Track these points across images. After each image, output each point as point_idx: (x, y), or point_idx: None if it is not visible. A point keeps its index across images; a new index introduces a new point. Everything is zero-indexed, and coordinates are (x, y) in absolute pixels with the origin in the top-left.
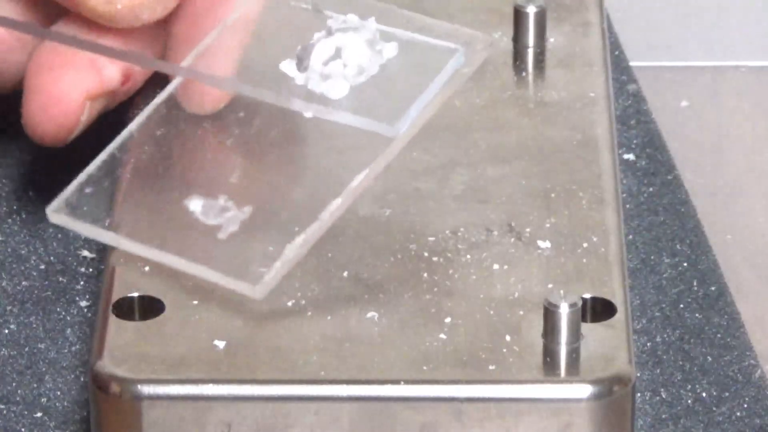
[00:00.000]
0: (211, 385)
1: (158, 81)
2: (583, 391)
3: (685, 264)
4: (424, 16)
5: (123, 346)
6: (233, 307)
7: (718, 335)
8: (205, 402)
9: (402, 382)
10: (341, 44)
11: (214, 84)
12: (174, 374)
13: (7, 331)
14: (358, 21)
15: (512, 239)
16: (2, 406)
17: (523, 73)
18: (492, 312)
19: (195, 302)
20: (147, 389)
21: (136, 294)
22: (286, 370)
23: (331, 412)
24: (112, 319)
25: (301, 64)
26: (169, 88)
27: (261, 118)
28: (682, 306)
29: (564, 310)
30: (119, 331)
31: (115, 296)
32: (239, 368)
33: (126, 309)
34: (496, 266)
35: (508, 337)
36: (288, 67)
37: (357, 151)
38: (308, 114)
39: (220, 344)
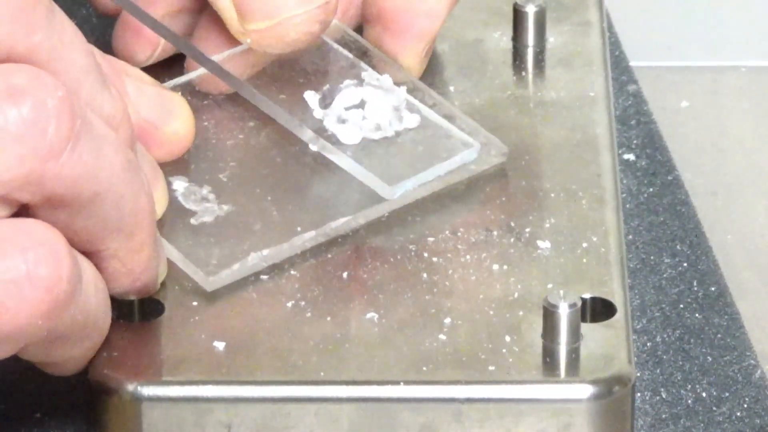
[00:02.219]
0: (210, 386)
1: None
2: (583, 391)
3: (685, 264)
4: (453, 106)
5: (123, 347)
6: (233, 308)
7: (718, 335)
8: (205, 403)
9: (402, 383)
10: (367, 98)
11: (236, 87)
12: (174, 375)
13: None
14: (391, 84)
15: (512, 239)
16: (2, 406)
17: (523, 73)
18: (492, 312)
19: (194, 303)
20: (147, 390)
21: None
22: (286, 371)
23: (331, 413)
24: (112, 321)
25: (324, 101)
26: (191, 75)
27: (268, 133)
28: (682, 306)
29: (563, 311)
30: (119, 333)
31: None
32: (239, 369)
33: (126, 310)
34: (495, 266)
35: (507, 338)
36: (311, 97)
37: (347, 197)
38: (314, 147)
39: (220, 345)
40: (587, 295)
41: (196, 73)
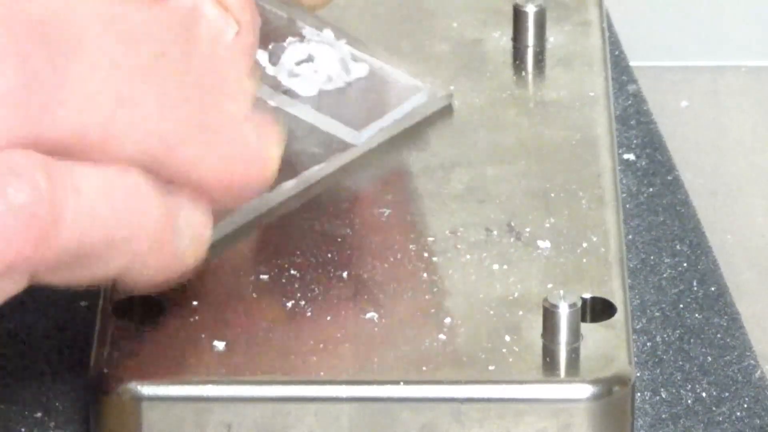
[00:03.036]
0: (210, 386)
1: None
2: (583, 391)
3: (685, 264)
4: (391, 56)
5: (123, 347)
6: (233, 308)
7: (718, 335)
8: (205, 403)
9: (401, 383)
10: (314, 52)
11: None
12: (174, 375)
13: (7, 330)
14: (333, 38)
15: (512, 239)
16: (2, 406)
17: (523, 73)
18: (492, 312)
19: (195, 303)
20: (147, 390)
21: (136, 295)
22: (286, 371)
23: (331, 413)
24: (113, 320)
25: (273, 57)
26: None
27: None
28: (682, 306)
29: (563, 310)
30: (119, 332)
31: (116, 297)
32: (239, 369)
33: (126, 310)
34: (495, 266)
35: (507, 338)
36: (260, 55)
37: (313, 147)
38: (272, 103)
39: (220, 345)
40: (587, 295)
41: None
